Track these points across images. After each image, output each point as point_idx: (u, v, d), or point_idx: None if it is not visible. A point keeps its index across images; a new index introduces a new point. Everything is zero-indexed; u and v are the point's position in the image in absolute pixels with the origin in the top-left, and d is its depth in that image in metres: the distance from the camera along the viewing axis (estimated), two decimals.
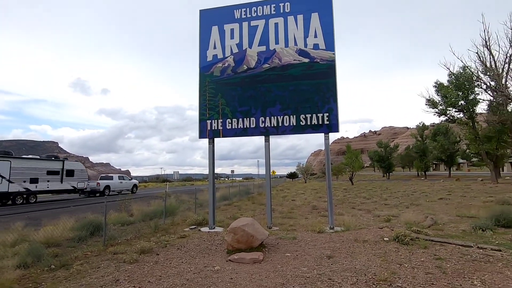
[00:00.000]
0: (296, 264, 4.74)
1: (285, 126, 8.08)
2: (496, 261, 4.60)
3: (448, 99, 26.25)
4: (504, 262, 4.52)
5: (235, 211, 12.22)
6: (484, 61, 24.75)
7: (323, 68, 8.09)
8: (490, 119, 25.83)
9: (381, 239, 6.05)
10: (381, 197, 16.93)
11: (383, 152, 58.38)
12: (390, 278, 3.92)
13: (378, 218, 9.37)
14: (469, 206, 11.31)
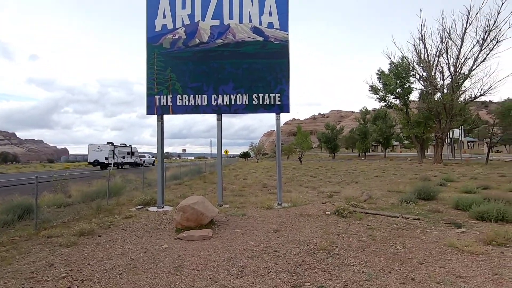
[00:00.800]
0: (244, 239, 4.90)
1: (237, 105, 8.02)
2: (415, 228, 5.34)
3: (387, 86, 28.73)
4: (421, 229, 5.27)
5: (186, 190, 12.04)
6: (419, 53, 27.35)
7: (276, 47, 8.10)
8: (420, 106, 29.10)
9: (323, 213, 6.55)
10: (326, 175, 18.22)
11: (330, 134, 62.30)
12: (329, 247, 4.29)
13: (322, 194, 10.10)
14: (398, 182, 12.83)
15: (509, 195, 8.26)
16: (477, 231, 5.06)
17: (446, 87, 26.27)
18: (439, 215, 6.36)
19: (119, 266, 3.75)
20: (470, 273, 3.34)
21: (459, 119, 28.01)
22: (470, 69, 24.71)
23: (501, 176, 13.93)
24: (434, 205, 7.41)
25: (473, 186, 9.92)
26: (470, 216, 6.05)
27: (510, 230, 4.82)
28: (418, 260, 3.79)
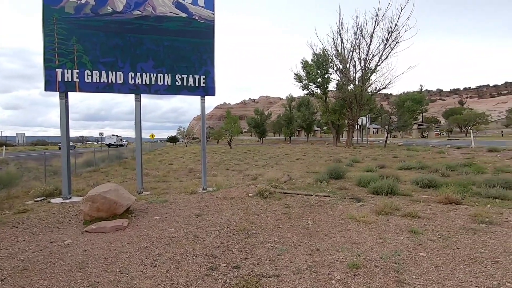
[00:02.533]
0: (163, 226, 4.70)
1: (158, 85, 7.47)
2: (325, 204, 5.97)
3: (310, 75, 30.89)
4: (330, 205, 5.93)
5: (101, 178, 10.89)
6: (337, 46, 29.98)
7: (201, 27, 7.74)
8: (336, 96, 32.30)
9: (246, 195, 6.76)
10: (253, 159, 18.85)
11: (258, 119, 64.31)
12: (248, 227, 4.46)
13: (248, 177, 10.41)
14: (315, 164, 14.14)
15: (398, 173, 9.96)
16: (372, 203, 5.94)
17: (357, 80, 29.73)
18: (345, 191, 7.26)
19: (2, 271, 3.16)
20: (363, 240, 3.91)
21: (366, 108, 32.20)
22: (376, 64, 28.45)
23: (394, 157, 16.68)
24: (342, 183, 8.40)
25: (373, 166, 11.63)
26: (369, 192, 7.06)
27: (395, 201, 5.82)
28: (324, 232, 4.26)
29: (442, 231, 4.12)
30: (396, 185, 6.96)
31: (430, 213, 5.11)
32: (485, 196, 6.17)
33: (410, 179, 8.45)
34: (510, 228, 4.19)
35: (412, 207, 5.44)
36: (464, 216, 4.86)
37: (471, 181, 7.49)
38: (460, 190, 6.30)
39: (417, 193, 6.88)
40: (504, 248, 3.49)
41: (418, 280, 2.79)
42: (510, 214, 4.91)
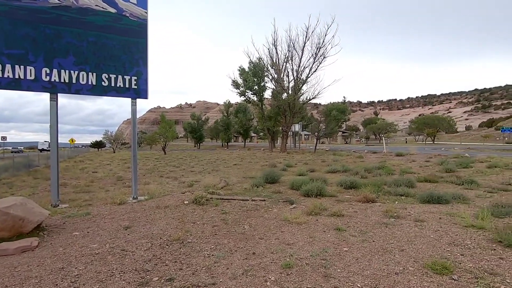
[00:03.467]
0: (84, 242, 4.19)
1: (81, 84, 6.69)
2: (261, 208, 6.14)
3: (247, 83, 31.69)
4: (265, 208, 6.12)
5: (3, 191, 9.16)
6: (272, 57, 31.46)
7: (133, 25, 7.26)
8: (272, 103, 33.81)
9: (181, 203, 6.51)
10: (189, 165, 18.29)
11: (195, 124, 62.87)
12: (183, 237, 4.29)
13: (183, 184, 10.04)
14: (252, 169, 14.47)
15: (326, 176, 10.88)
16: (303, 205, 6.34)
17: (291, 89, 31.69)
18: (279, 195, 7.59)
19: None
20: (295, 240, 4.14)
21: (299, 116, 34.52)
22: (307, 76, 30.85)
23: (322, 161, 18.20)
24: (277, 187, 8.78)
25: (304, 170, 12.46)
26: (301, 194, 7.53)
27: (324, 202, 6.33)
28: (260, 236, 4.37)
29: (361, 227, 4.64)
30: (324, 187, 7.59)
31: (352, 211, 5.71)
32: (394, 194, 7.18)
33: (335, 181, 9.31)
34: (412, 220, 4.96)
35: (337, 206, 5.99)
36: (378, 212, 5.57)
37: (384, 182, 8.65)
38: (375, 190, 7.22)
39: (342, 193, 7.62)
40: (407, 238, 4.11)
41: (342, 273, 3.08)
42: (412, 208, 5.83)
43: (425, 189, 7.59)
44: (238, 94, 34.14)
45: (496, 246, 3.69)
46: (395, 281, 2.90)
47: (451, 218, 5.02)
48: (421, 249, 3.67)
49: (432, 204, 6.14)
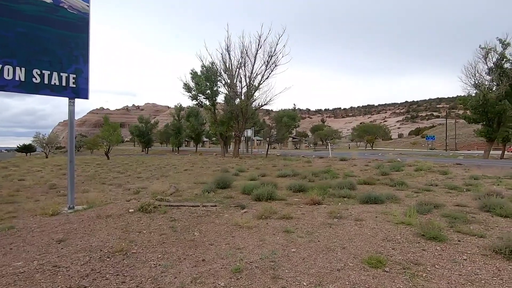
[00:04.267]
0: (6, 260, 3.65)
1: (6, 80, 5.87)
2: (212, 214, 6.06)
3: (199, 86, 31.22)
4: (216, 214, 6.06)
5: None
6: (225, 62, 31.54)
7: (72, 18, 6.65)
8: (225, 108, 33.80)
9: (126, 212, 6.09)
10: (136, 170, 17.22)
11: (143, 127, 59.60)
12: (126, 247, 4.01)
13: (129, 191, 9.42)
14: (203, 174, 14.21)
15: (277, 180, 11.19)
16: (254, 209, 6.43)
17: (243, 95, 32.07)
18: (231, 200, 7.58)
19: None
20: (246, 244, 4.17)
21: (251, 121, 35.07)
22: (259, 83, 31.54)
23: (273, 166, 18.71)
24: (229, 192, 8.76)
25: (256, 174, 12.66)
26: (252, 198, 7.61)
27: (274, 206, 6.51)
28: (210, 242, 4.31)
29: (308, 228, 4.88)
30: (274, 191, 7.80)
31: (300, 213, 5.97)
32: (338, 196, 7.71)
33: (285, 185, 9.63)
34: (353, 220, 5.38)
35: (287, 209, 6.21)
36: (324, 213, 5.92)
37: (329, 185, 9.22)
38: (321, 193, 7.66)
39: (291, 197, 7.91)
40: (348, 236, 4.44)
41: (290, 273, 3.20)
42: (353, 209, 6.32)
43: (364, 191, 8.29)
44: (190, 98, 33.44)
45: (420, 240, 4.20)
46: (336, 277, 3.11)
47: (385, 216, 5.57)
48: (360, 246, 4.00)
49: (370, 204, 6.74)
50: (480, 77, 29.28)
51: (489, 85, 28.81)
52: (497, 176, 11.66)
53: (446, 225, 4.87)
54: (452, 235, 4.37)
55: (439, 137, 69.00)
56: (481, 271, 3.20)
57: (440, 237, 4.17)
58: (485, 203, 6.13)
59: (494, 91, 27.72)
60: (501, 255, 3.57)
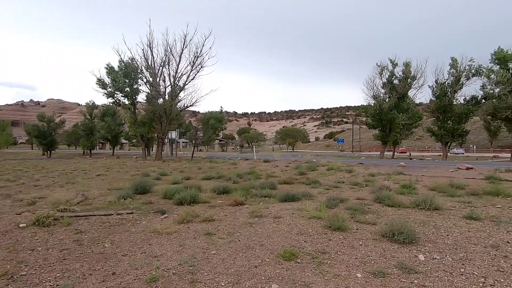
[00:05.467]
0: None
1: None
2: (127, 222, 5.57)
3: (116, 83, 28.36)
4: (133, 221, 5.60)
5: None
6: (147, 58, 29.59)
7: None
8: (146, 108, 31.54)
9: (15, 227, 5.09)
10: (33, 178, 14.53)
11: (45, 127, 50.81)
12: (13, 270, 3.35)
13: (21, 202, 7.88)
14: (120, 180, 12.96)
15: (201, 183, 11.01)
16: (176, 214, 6.18)
17: (167, 95, 30.52)
18: (150, 206, 7.12)
19: None
20: (164, 251, 3.97)
21: (176, 123, 33.61)
22: (184, 83, 30.55)
23: (199, 168, 18.34)
24: (148, 197, 8.20)
25: (179, 178, 12.21)
26: (174, 203, 7.30)
27: (196, 209, 6.38)
28: (124, 252, 3.96)
29: (230, 229, 4.95)
30: (197, 194, 7.65)
31: (223, 215, 6.01)
32: (260, 196, 8.04)
33: (210, 187, 9.56)
34: (272, 218, 5.69)
35: (210, 212, 6.17)
36: (246, 214, 6.09)
37: (252, 186, 9.55)
38: (244, 194, 7.87)
39: (215, 199, 7.89)
40: (267, 233, 4.68)
41: (209, 275, 3.19)
42: (273, 207, 6.69)
43: (284, 190, 8.86)
44: (105, 95, 30.07)
45: (327, 231, 4.73)
46: (254, 273, 3.24)
47: (300, 212, 6.07)
48: (277, 242, 4.26)
49: (288, 202, 7.25)
50: (377, 90, 34.82)
51: (383, 97, 34.46)
52: (388, 173, 14.01)
53: (349, 216, 5.60)
54: (353, 225, 5.06)
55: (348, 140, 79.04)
56: (371, 253, 3.79)
57: (343, 227, 4.77)
58: (378, 196, 7.30)
59: (387, 102, 33.30)
60: (386, 238, 4.30)
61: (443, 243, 4.13)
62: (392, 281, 3.04)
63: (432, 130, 33.28)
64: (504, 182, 10.14)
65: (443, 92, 31.35)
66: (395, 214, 5.86)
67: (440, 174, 13.44)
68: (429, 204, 6.19)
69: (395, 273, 3.22)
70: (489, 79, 29.51)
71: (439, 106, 31.64)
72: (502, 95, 27.99)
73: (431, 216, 5.66)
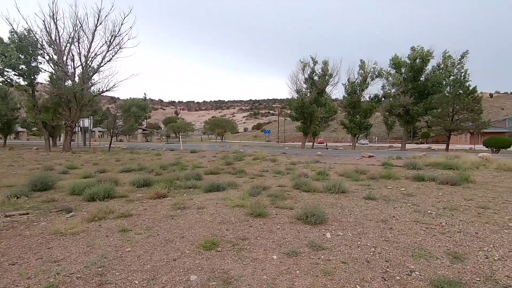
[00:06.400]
0: None
1: None
2: (20, 224, 4.71)
3: (7, 58, 23.27)
4: (28, 223, 4.76)
5: None
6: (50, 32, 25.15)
7: None
8: (50, 91, 26.92)
9: None
10: None
11: None
12: None
13: None
14: (12, 175, 10.83)
15: (119, 176, 10.08)
16: (86, 211, 5.51)
17: (77, 76, 26.58)
18: (53, 204, 6.16)
19: None
20: (67, 254, 3.49)
21: (89, 109, 29.63)
22: (99, 65, 27.06)
23: (117, 160, 16.72)
24: (51, 194, 7.09)
25: (92, 171, 10.90)
26: (84, 199, 6.49)
27: (111, 205, 5.82)
28: (12, 261, 3.33)
29: (149, 223, 4.67)
30: (113, 188, 6.97)
31: (142, 209, 5.62)
32: (184, 187, 7.81)
33: (129, 180, 8.82)
34: (195, 209, 5.59)
35: (127, 207, 5.70)
36: (168, 206, 5.83)
37: (176, 177, 9.19)
38: (167, 185, 7.53)
39: (134, 193, 7.32)
40: (189, 225, 4.58)
41: (121, 275, 2.95)
42: (197, 198, 6.58)
43: (209, 180, 8.81)
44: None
45: (249, 218, 4.90)
46: (172, 267, 3.13)
47: (224, 202, 6.13)
48: (198, 232, 4.21)
49: (213, 192, 7.24)
50: (300, 84, 37.42)
51: (305, 91, 37.25)
52: (306, 161, 15.31)
53: (270, 203, 5.91)
54: (272, 211, 5.36)
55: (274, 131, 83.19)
56: (287, 235, 4.10)
57: (264, 213, 5.01)
58: (296, 182, 7.91)
59: (308, 97, 36.15)
60: (301, 220, 4.69)
61: (346, 221, 4.74)
62: (303, 258, 3.35)
63: (344, 123, 37.70)
64: (395, 168, 12.21)
65: (353, 90, 35.74)
66: (310, 199, 6.45)
67: (349, 162, 15.37)
68: (338, 188, 7.02)
69: (306, 251, 3.55)
70: (388, 81, 34.87)
71: (350, 102, 35.99)
72: (396, 95, 33.45)
73: (339, 199, 6.43)
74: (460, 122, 29.06)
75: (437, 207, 5.72)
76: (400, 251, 3.54)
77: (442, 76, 32.13)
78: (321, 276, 2.95)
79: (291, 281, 2.85)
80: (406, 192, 7.22)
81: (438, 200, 6.30)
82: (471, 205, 5.86)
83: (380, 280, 2.87)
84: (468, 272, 3.03)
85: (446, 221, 4.77)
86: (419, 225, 4.57)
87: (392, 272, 3.02)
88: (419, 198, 6.56)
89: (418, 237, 4.04)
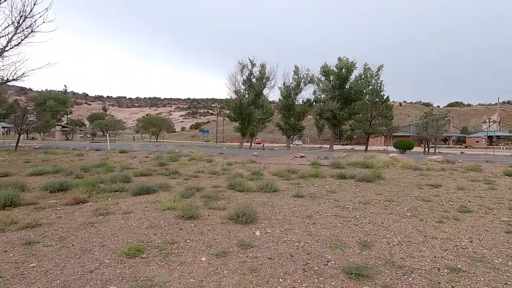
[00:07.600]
0: None
1: None
2: None
3: None
4: None
5: None
6: None
7: None
8: None
9: None
10: None
11: None
12: None
13: None
14: None
15: (28, 179, 8.71)
16: None
17: None
18: None
19: None
20: None
21: None
22: (3, 48, 22.82)
23: (26, 162, 14.37)
24: None
25: None
26: None
27: (15, 213, 5.00)
28: None
29: (62, 233, 4.14)
30: (18, 194, 5.98)
31: (55, 217, 4.96)
32: (109, 191, 7.15)
33: (40, 185, 7.68)
34: (121, 214, 5.18)
35: (35, 215, 4.96)
36: (88, 212, 5.27)
37: (101, 180, 8.37)
38: (89, 189, 6.79)
39: (46, 199, 6.41)
40: (112, 232, 4.21)
41: None
42: (123, 202, 6.09)
43: (139, 183, 8.24)
44: None
45: (180, 221, 4.75)
46: (87, 279, 2.84)
47: (154, 205, 5.82)
48: (122, 239, 3.91)
49: (143, 195, 6.80)
50: (238, 85, 37.81)
51: (243, 93, 37.82)
52: (243, 161, 15.57)
53: (202, 204, 5.84)
54: (205, 212, 5.31)
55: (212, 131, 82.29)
56: (218, 236, 4.11)
57: (195, 215, 4.92)
58: (231, 183, 7.98)
59: (246, 98, 36.79)
60: (233, 220, 4.76)
61: (275, 219, 4.98)
62: (232, 258, 3.40)
63: (280, 125, 39.48)
64: (322, 167, 13.31)
65: (288, 94, 37.73)
66: (243, 198, 6.58)
67: (282, 162, 16.16)
68: (270, 188, 7.32)
69: (235, 250, 3.61)
70: (318, 87, 37.81)
71: (285, 105, 37.88)
72: (325, 100, 36.52)
73: (271, 197, 6.72)
74: (377, 126, 33.27)
75: (354, 202, 6.44)
76: (320, 244, 3.88)
77: (363, 85, 36.33)
78: (247, 273, 3.04)
79: (218, 281, 2.87)
80: (330, 189, 7.94)
81: (355, 196, 7.10)
82: (380, 199, 6.77)
83: (301, 272, 3.10)
84: (373, 257, 3.50)
85: (360, 214, 5.41)
86: (338, 218, 5.08)
87: (312, 264, 3.29)
88: (340, 194, 7.28)
89: (336, 229, 4.49)
